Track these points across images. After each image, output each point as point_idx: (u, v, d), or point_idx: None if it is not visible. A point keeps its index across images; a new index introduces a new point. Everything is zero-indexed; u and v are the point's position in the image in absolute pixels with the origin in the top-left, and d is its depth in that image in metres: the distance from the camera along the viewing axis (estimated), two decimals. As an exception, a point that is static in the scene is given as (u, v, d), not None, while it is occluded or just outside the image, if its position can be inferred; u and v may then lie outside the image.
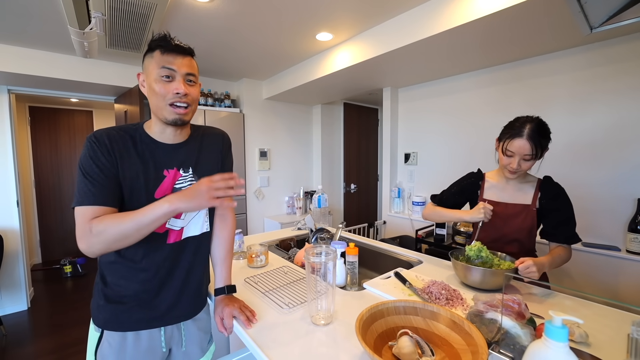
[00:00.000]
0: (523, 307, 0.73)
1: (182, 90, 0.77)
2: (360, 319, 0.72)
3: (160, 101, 0.78)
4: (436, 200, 1.37)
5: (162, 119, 0.81)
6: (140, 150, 0.81)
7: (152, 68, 0.78)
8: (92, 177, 0.74)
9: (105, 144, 0.76)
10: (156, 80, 0.77)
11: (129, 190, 0.78)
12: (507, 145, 1.11)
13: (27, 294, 2.77)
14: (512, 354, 0.59)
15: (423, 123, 2.79)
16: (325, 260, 0.85)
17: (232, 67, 2.79)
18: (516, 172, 1.13)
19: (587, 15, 0.98)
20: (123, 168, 0.77)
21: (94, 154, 0.75)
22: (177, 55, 0.78)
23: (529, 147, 1.06)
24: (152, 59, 0.78)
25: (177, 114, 0.80)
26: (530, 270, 0.96)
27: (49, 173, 3.96)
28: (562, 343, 0.48)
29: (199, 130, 0.95)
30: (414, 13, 1.76)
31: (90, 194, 0.73)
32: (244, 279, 1.19)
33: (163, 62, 0.77)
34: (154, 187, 0.81)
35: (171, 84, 0.78)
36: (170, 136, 0.85)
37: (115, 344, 0.82)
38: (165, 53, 0.77)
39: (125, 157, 0.78)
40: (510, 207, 1.18)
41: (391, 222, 2.96)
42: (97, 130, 0.79)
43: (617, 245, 1.75)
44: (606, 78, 1.78)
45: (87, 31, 1.66)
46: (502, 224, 1.18)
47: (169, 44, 0.77)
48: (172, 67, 0.77)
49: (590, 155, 1.85)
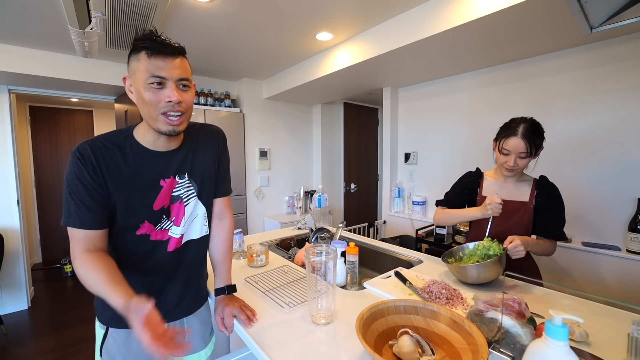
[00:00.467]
0: (523, 306, 0.73)
1: (175, 98, 0.69)
2: (361, 318, 0.72)
3: (152, 111, 0.70)
4: (444, 203, 1.38)
5: (155, 129, 0.73)
6: (132, 163, 0.76)
7: (140, 73, 0.68)
8: (78, 197, 0.70)
9: (91, 161, 0.70)
10: (145, 88, 0.68)
11: (125, 206, 0.75)
12: (503, 144, 1.16)
13: (28, 294, 2.77)
14: (513, 353, 0.59)
15: (423, 123, 2.79)
16: (325, 259, 0.85)
17: (232, 66, 2.79)
18: (513, 170, 1.17)
19: (587, 15, 0.98)
20: (114, 185, 0.73)
21: (79, 172, 0.70)
22: (167, 58, 0.68)
23: (524, 145, 1.11)
24: (138, 63, 0.68)
25: (171, 124, 0.72)
26: (518, 250, 1.03)
27: (49, 172, 3.96)
28: (562, 342, 0.48)
29: (194, 128, 0.89)
30: (414, 13, 1.76)
31: (76, 216, 0.70)
32: (244, 279, 1.19)
33: (152, 68, 0.67)
34: (152, 199, 0.78)
35: (162, 91, 0.69)
36: (164, 144, 0.79)
37: (121, 340, 0.82)
38: (153, 56, 0.67)
39: (115, 173, 0.73)
40: (509, 204, 1.20)
41: (391, 222, 2.96)
42: (82, 143, 0.72)
43: (618, 245, 1.75)
44: (607, 77, 1.78)
45: (88, 31, 1.66)
46: (501, 221, 1.21)
47: (155, 45, 0.67)
48: (162, 75, 0.68)
49: (591, 154, 1.85)
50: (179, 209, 0.83)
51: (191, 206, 0.86)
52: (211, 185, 0.92)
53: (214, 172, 0.93)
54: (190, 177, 0.85)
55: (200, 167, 0.88)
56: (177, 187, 0.83)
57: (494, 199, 1.11)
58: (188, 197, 0.85)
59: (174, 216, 0.82)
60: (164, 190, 0.80)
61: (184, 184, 0.84)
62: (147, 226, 0.79)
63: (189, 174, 0.85)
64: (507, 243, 1.05)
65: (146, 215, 0.78)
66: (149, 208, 0.77)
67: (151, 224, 0.79)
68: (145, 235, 0.79)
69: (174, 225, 0.83)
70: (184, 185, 0.84)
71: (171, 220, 0.82)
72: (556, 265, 1.89)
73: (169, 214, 0.82)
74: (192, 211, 0.87)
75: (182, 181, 0.83)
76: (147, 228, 0.79)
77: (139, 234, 0.79)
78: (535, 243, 1.11)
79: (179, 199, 0.83)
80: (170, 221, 0.82)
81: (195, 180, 0.86)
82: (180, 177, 0.83)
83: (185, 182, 0.84)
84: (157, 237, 0.81)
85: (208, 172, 0.90)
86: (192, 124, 0.89)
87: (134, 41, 0.69)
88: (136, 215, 0.77)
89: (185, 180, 0.84)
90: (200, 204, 0.89)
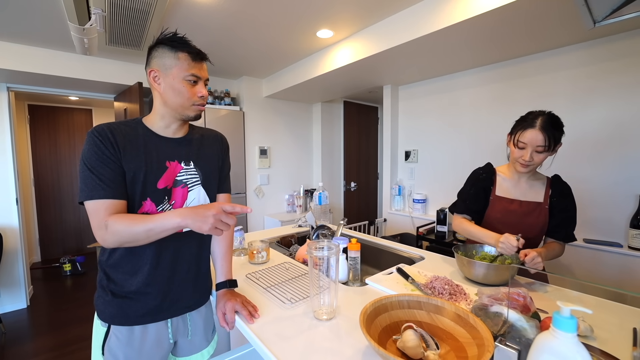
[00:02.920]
0: (528, 300, 0.73)
1: (205, 93, 0.86)
2: (364, 312, 0.71)
3: (186, 101, 0.83)
4: (461, 209, 1.27)
5: (184, 116, 0.86)
6: (143, 142, 0.83)
7: (179, 69, 0.81)
8: (99, 171, 0.75)
9: (108, 137, 0.77)
10: (184, 83, 0.82)
11: (132, 179, 0.80)
12: (519, 136, 1.09)
13: (27, 292, 2.76)
14: (519, 346, 0.58)
15: (423, 120, 2.78)
16: (327, 254, 0.84)
17: (232, 64, 2.78)
18: (528, 166, 1.11)
19: (591, 9, 0.98)
20: (126, 159, 0.79)
21: (97, 148, 0.76)
22: (202, 62, 0.85)
23: (542, 138, 1.05)
24: (177, 61, 0.81)
25: (200, 111, 0.87)
26: (537, 262, 0.98)
27: (48, 171, 3.95)
28: (570, 334, 0.47)
29: (197, 128, 0.98)
30: (414, 10, 1.75)
31: (99, 187, 0.74)
32: (245, 275, 1.18)
33: (193, 68, 0.82)
34: (156, 178, 0.82)
35: (196, 87, 0.84)
36: (173, 131, 0.88)
37: (124, 337, 0.82)
38: (195, 60, 0.83)
39: (128, 148, 0.80)
40: (525, 204, 1.17)
41: (392, 220, 2.96)
42: (99, 125, 0.80)
43: (620, 242, 1.74)
44: (609, 74, 1.77)
45: (87, 28, 1.65)
46: (517, 221, 1.16)
47: (196, 51, 0.83)
48: (199, 75, 0.83)
49: (593, 151, 1.84)
50: (182, 194, 0.87)
51: (195, 192, 0.90)
52: (215, 176, 0.96)
53: (218, 167, 0.97)
54: (196, 165, 0.90)
55: (205, 157, 0.93)
56: (182, 172, 0.87)
57: (510, 241, 1.01)
58: (192, 184, 0.89)
59: (174, 200, 0.85)
60: (169, 172, 0.85)
61: (189, 170, 0.89)
62: (149, 205, 0.82)
63: (194, 162, 0.90)
64: (523, 256, 0.99)
65: (150, 192, 0.81)
66: (153, 185, 0.82)
67: (153, 202, 0.82)
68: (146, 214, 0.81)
69: (173, 208, 0.85)
70: (188, 172, 0.88)
71: (171, 203, 0.85)
72: (558, 262, 1.88)
73: (170, 197, 0.85)
74: (195, 197, 0.90)
75: (187, 167, 0.88)
76: (148, 207, 0.82)
77: (141, 212, 0.81)
78: (546, 254, 1.05)
79: (182, 184, 0.87)
80: (170, 204, 0.85)
81: (201, 169, 0.91)
82: (185, 164, 0.88)
83: (191, 169, 0.89)
84: None
85: (213, 164, 0.95)
86: (197, 126, 0.99)
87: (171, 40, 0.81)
88: (141, 191, 0.80)
89: (191, 167, 0.89)
90: (203, 192, 0.92)
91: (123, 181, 0.78)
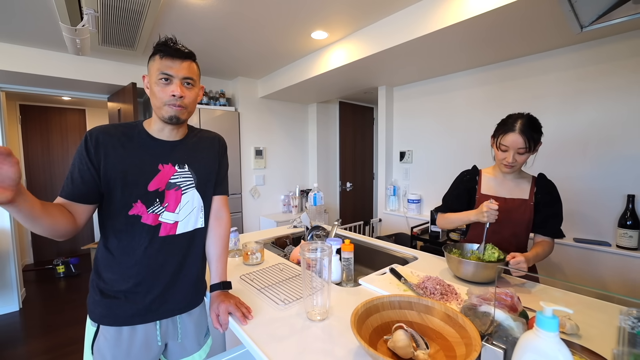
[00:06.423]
0: (515, 300, 0.75)
1: (177, 92, 0.82)
2: (356, 313, 0.72)
3: (158, 102, 0.83)
4: (443, 209, 1.34)
5: (160, 117, 0.85)
6: (136, 145, 0.85)
7: (153, 71, 0.83)
8: (71, 172, 0.80)
9: (95, 140, 0.80)
10: (156, 83, 0.82)
11: (123, 180, 0.81)
12: (501, 140, 1.15)
13: (19, 295, 2.73)
14: (505, 345, 0.60)
15: (418, 121, 2.81)
16: (320, 256, 0.85)
17: (227, 65, 2.78)
18: (512, 167, 1.16)
19: (578, 14, 1.00)
20: (114, 162, 0.81)
21: (81, 149, 0.80)
22: (176, 60, 0.82)
23: (522, 141, 1.10)
24: (153, 63, 0.83)
25: (175, 111, 0.84)
26: (521, 266, 1.02)
27: (40, 172, 3.90)
28: (552, 333, 0.49)
29: (196, 131, 0.99)
30: (409, 12, 1.77)
31: (66, 188, 0.79)
32: (239, 276, 1.19)
33: (162, 66, 0.81)
34: (147, 180, 0.83)
35: (169, 86, 0.82)
36: (167, 134, 0.89)
37: (111, 338, 0.82)
38: (164, 57, 0.81)
39: (119, 150, 0.82)
40: (510, 201, 1.20)
41: (387, 220, 2.98)
42: (95, 127, 0.83)
43: (608, 241, 1.78)
44: (597, 76, 1.81)
45: (79, 28, 1.64)
46: (502, 218, 1.19)
47: (168, 49, 0.82)
48: (169, 73, 0.81)
49: (582, 152, 1.88)
50: (175, 196, 0.87)
51: (189, 195, 0.90)
52: (211, 180, 0.96)
53: (214, 170, 0.98)
54: (191, 168, 0.91)
55: (201, 160, 0.94)
56: (175, 175, 0.88)
57: (490, 205, 1.08)
58: (186, 187, 0.90)
59: (167, 202, 0.86)
60: (161, 174, 0.85)
61: (183, 173, 0.89)
62: (140, 206, 0.83)
63: (189, 164, 0.91)
64: (510, 258, 1.04)
65: (140, 194, 0.82)
66: (143, 187, 0.83)
67: (144, 204, 0.83)
68: (136, 216, 0.83)
69: (166, 210, 0.86)
70: (182, 175, 0.89)
71: (164, 206, 0.85)
72: (548, 261, 1.92)
73: (163, 199, 0.85)
74: (189, 200, 0.90)
75: (181, 170, 0.89)
76: (139, 209, 0.83)
77: (131, 214, 0.82)
78: (535, 256, 1.09)
79: (176, 186, 0.87)
80: (163, 207, 0.85)
81: (195, 172, 0.92)
82: (179, 167, 0.89)
83: (185, 172, 0.90)
84: (149, 220, 0.84)
85: (208, 167, 0.96)
86: (196, 128, 1.00)
87: (155, 45, 0.83)
88: (131, 193, 0.82)
89: (185, 170, 0.90)
90: (197, 195, 0.92)
91: (87, 186, 0.79)
